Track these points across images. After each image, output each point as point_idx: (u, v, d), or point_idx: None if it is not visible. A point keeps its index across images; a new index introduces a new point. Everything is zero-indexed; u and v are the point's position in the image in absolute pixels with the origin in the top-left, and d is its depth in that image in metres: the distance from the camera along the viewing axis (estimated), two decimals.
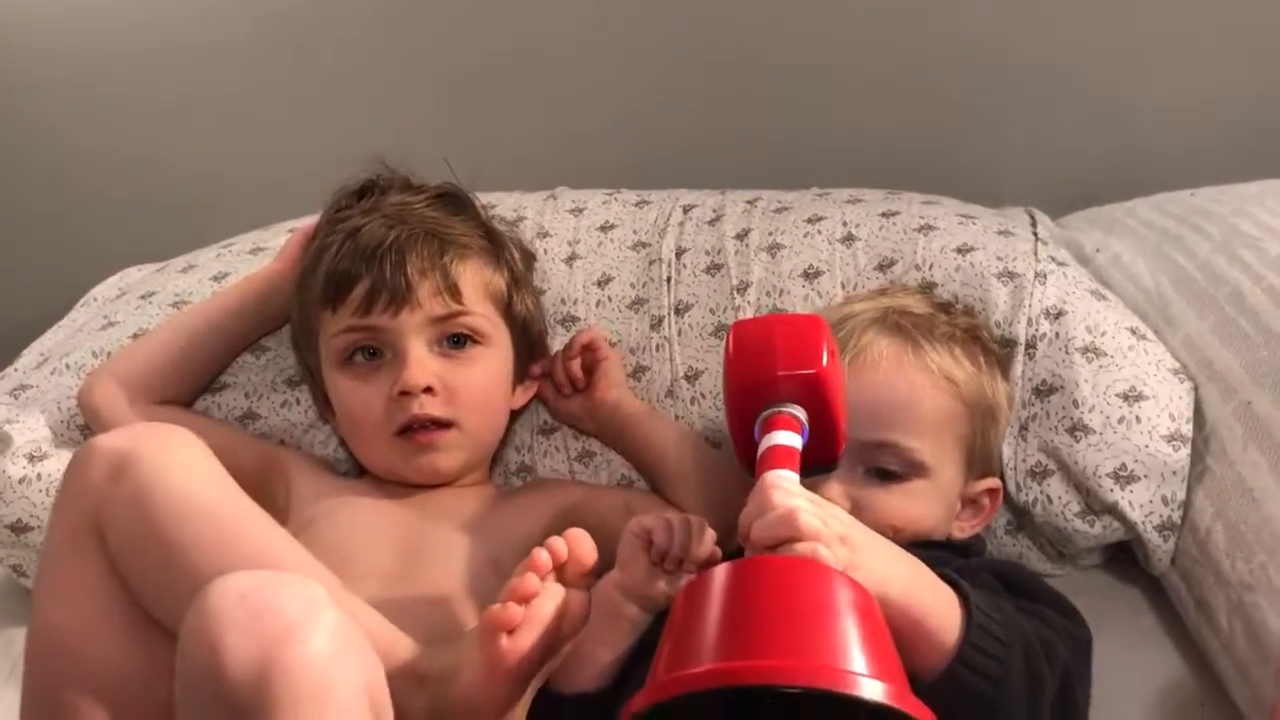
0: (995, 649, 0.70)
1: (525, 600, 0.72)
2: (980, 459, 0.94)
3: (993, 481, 0.96)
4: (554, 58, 1.52)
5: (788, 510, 0.67)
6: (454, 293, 1.02)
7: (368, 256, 1.01)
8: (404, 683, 0.74)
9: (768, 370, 0.79)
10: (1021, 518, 1.05)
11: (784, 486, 0.70)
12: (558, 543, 0.76)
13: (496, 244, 1.10)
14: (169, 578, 0.77)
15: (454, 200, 1.12)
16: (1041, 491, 1.02)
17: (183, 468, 0.81)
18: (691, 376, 1.12)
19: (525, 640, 0.72)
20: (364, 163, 1.13)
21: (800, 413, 0.78)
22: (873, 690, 0.57)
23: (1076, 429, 1.00)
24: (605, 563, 0.90)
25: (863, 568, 0.67)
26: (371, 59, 1.51)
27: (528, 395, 1.12)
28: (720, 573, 0.65)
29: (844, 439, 0.81)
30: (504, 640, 0.72)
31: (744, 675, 0.57)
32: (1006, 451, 1.02)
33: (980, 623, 0.70)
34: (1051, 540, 1.05)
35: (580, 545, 0.76)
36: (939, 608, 0.70)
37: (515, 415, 1.13)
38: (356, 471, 1.13)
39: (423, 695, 0.75)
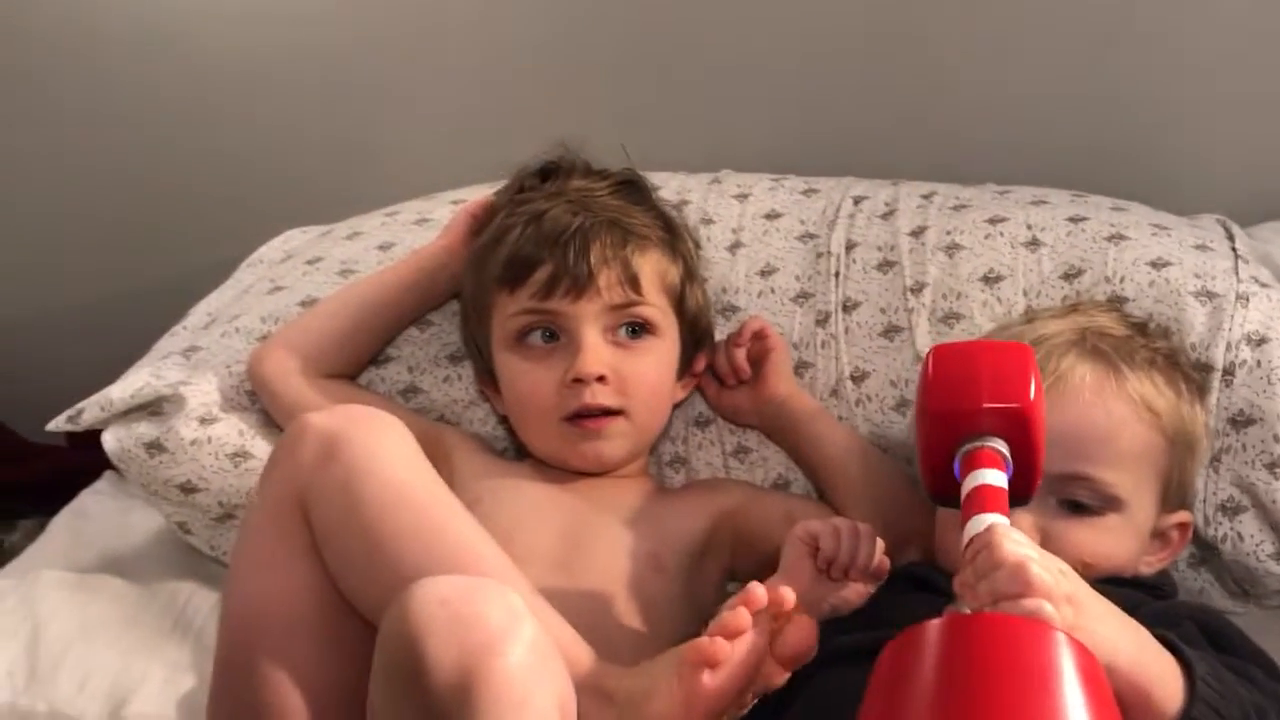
0: None
1: (733, 637, 0.70)
2: (1175, 492, 0.90)
3: (1184, 515, 0.91)
4: (715, 33, 1.48)
5: (1018, 562, 0.64)
6: (634, 283, 1.01)
7: (552, 242, 1.01)
8: (591, 698, 0.74)
9: (972, 400, 0.75)
10: (1206, 552, 1.00)
11: (1013, 536, 0.67)
12: (758, 589, 0.73)
13: (674, 235, 1.09)
14: (370, 565, 0.79)
15: (634, 188, 1.11)
16: (1232, 528, 0.97)
17: (391, 455, 0.83)
18: (858, 377, 1.09)
19: (727, 678, 0.70)
20: (522, 135, 1.11)
21: (1004, 448, 0.75)
22: None
23: (1277, 465, 0.95)
24: (761, 568, 0.88)
25: (1089, 631, 0.63)
26: (534, 33, 1.49)
27: (688, 389, 1.11)
28: (939, 629, 0.62)
29: (1041, 474, 0.78)
30: (706, 676, 0.70)
31: None
32: (1196, 482, 0.97)
33: (1204, 696, 0.67)
34: (1238, 579, 1.00)
35: (781, 595, 0.73)
36: (1164, 679, 0.67)
37: (674, 408, 1.11)
38: (515, 453, 1.13)
39: (611, 713, 0.74)
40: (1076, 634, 0.62)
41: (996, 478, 0.73)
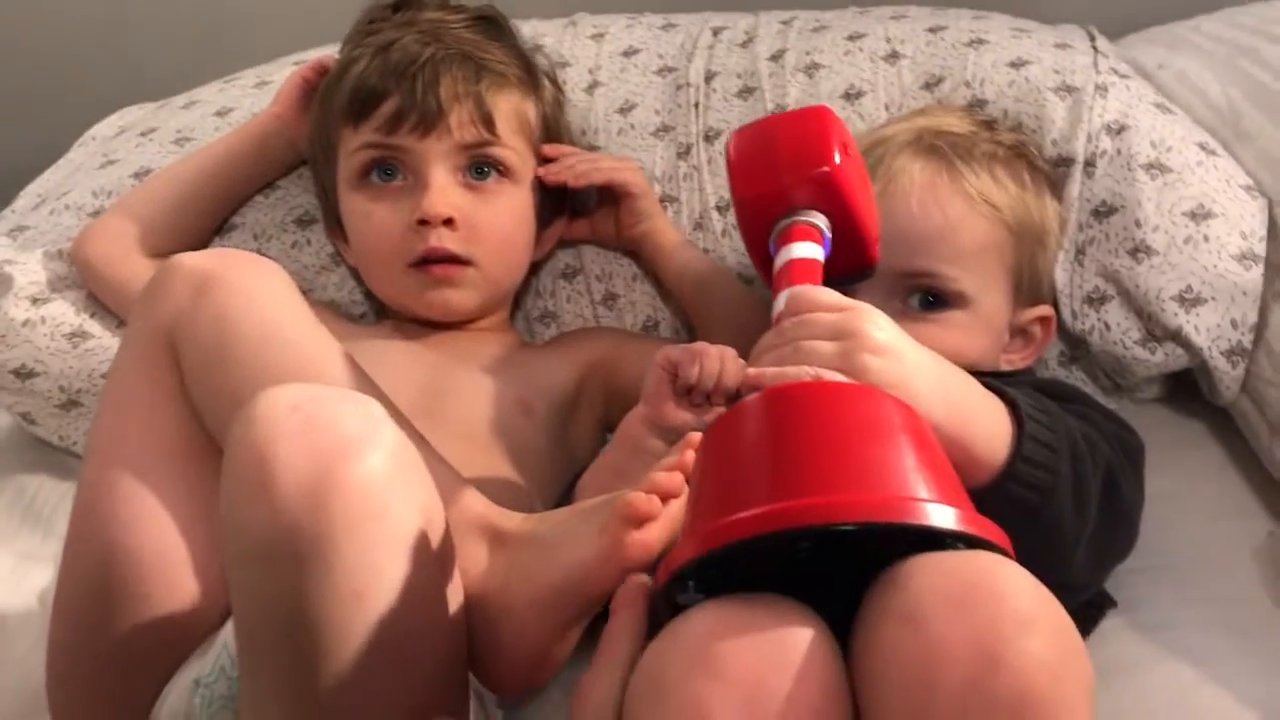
0: (1045, 458, 0.66)
1: (666, 498, 0.66)
2: (1029, 286, 0.88)
3: (1044, 309, 0.90)
4: None
5: (780, 323, 0.63)
6: (487, 122, 0.96)
7: (399, 73, 0.95)
8: (479, 537, 0.70)
9: (773, 178, 0.71)
10: (1076, 348, 0.99)
11: (808, 295, 0.64)
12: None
13: (534, 77, 1.04)
14: (239, 402, 0.73)
15: (493, 25, 1.05)
16: (1099, 318, 0.95)
17: (268, 294, 0.76)
18: (723, 207, 1.06)
19: (654, 537, 0.65)
20: None
21: (820, 220, 0.71)
22: (943, 518, 0.50)
23: (1138, 250, 0.93)
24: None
25: (904, 384, 0.61)
26: None
27: (550, 243, 1.07)
28: (750, 403, 0.58)
29: (876, 240, 0.75)
30: (634, 532, 0.65)
31: (802, 516, 0.50)
32: (1061, 278, 0.95)
33: (1030, 431, 0.65)
34: (1108, 371, 0.99)
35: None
36: (990, 422, 0.65)
37: (538, 264, 1.07)
38: (373, 316, 1.09)
39: (501, 553, 0.70)
40: (894, 389, 0.59)
41: (806, 250, 0.69)
